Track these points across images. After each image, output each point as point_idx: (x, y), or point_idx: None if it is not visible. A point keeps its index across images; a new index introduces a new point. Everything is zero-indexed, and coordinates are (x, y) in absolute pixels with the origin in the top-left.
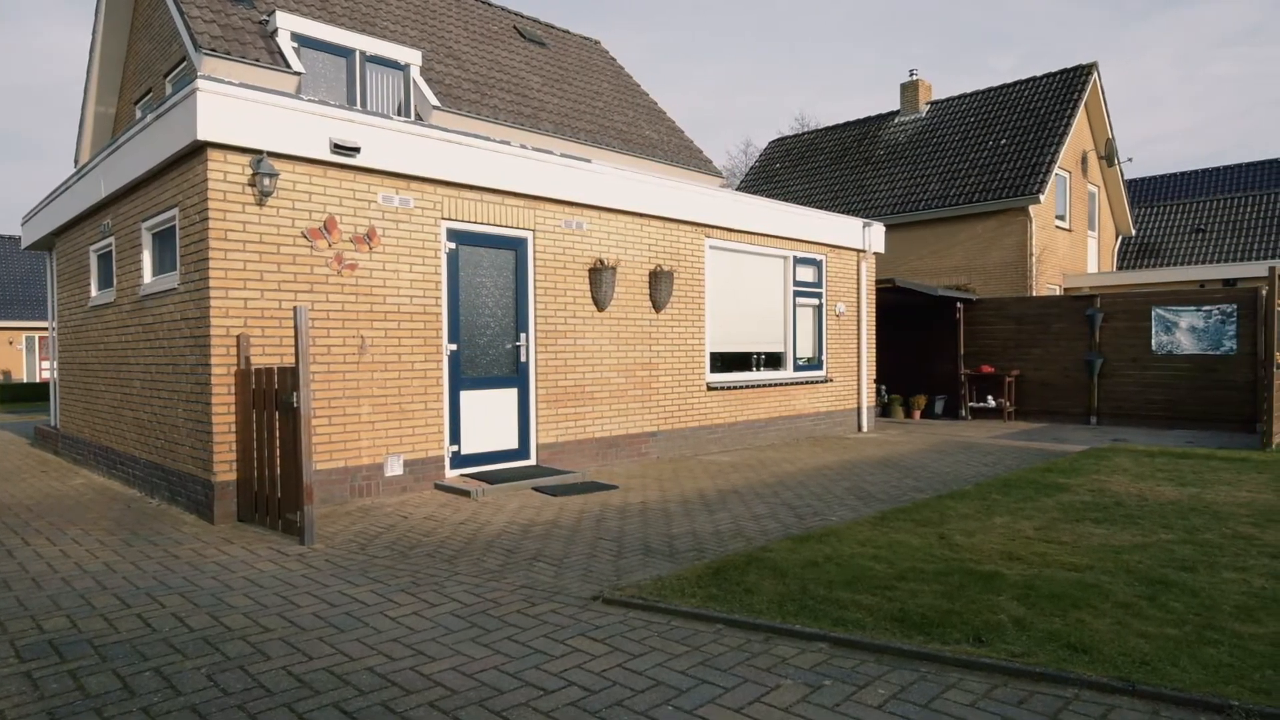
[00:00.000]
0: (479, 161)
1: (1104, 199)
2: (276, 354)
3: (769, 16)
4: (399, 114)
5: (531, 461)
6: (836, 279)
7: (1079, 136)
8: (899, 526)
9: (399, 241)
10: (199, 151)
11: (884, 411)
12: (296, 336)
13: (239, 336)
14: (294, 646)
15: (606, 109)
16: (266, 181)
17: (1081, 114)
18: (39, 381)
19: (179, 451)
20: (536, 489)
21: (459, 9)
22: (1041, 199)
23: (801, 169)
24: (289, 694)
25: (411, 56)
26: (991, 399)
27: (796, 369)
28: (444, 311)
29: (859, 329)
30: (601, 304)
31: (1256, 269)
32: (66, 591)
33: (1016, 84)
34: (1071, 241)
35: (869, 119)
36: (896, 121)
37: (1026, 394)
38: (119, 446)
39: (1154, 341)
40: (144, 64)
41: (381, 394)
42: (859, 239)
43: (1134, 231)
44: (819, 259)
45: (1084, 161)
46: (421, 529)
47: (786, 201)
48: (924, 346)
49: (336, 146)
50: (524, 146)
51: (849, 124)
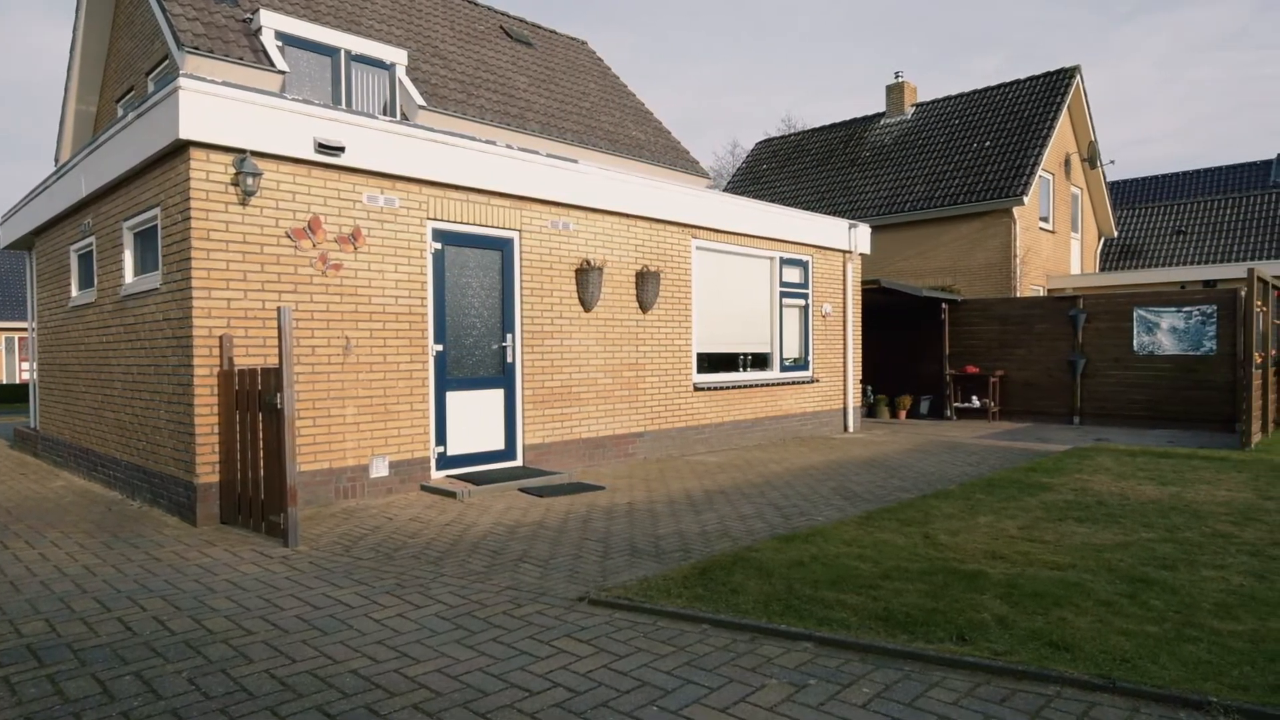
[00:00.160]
0: (465, 161)
1: (1087, 201)
2: (260, 355)
3: (757, 18)
4: (385, 114)
5: (518, 462)
6: (822, 280)
7: (1062, 139)
8: (884, 526)
9: (384, 242)
10: (181, 150)
11: (870, 411)
12: (280, 337)
13: (222, 337)
14: (277, 649)
15: (593, 109)
16: (250, 181)
17: (1065, 117)
18: (18, 383)
19: (161, 453)
20: (523, 490)
21: (445, 8)
22: (1025, 201)
23: (788, 170)
24: (271, 697)
25: (397, 56)
26: (976, 399)
27: (783, 369)
28: (430, 312)
29: (845, 330)
30: (588, 304)
31: (1236, 270)
32: (45, 595)
33: (1001, 86)
34: (1055, 243)
35: (855, 121)
36: (882, 123)
37: (1011, 394)
38: (100, 448)
39: (1136, 342)
40: (126, 62)
41: (366, 395)
42: (845, 240)
43: (1116, 233)
44: (805, 260)
45: (1067, 164)
46: (407, 530)
47: (773, 202)
48: (910, 347)
49: (321, 146)
50: (510, 146)
51: (835, 125)
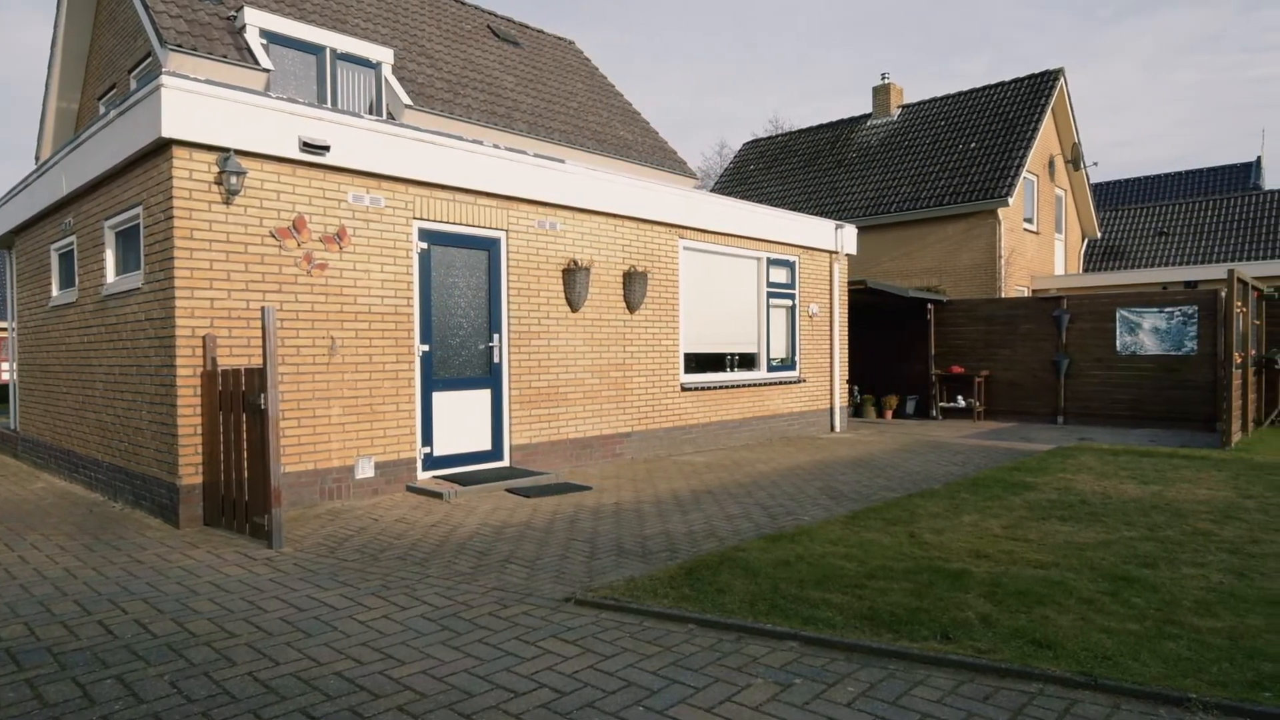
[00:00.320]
0: (452, 161)
1: (1070, 202)
2: (244, 355)
3: (744, 19)
4: (371, 113)
5: (505, 463)
6: (809, 280)
7: (1046, 141)
8: (870, 525)
9: (370, 241)
10: (164, 149)
11: (857, 411)
12: (264, 337)
13: (205, 337)
14: (260, 652)
15: (581, 109)
16: (234, 180)
17: (1049, 119)
18: None
19: (143, 454)
20: (510, 490)
21: (432, 7)
22: (1010, 202)
23: (775, 171)
24: (254, 700)
25: (383, 55)
26: (962, 399)
27: (770, 369)
28: (416, 312)
29: (832, 330)
30: (575, 305)
31: (1216, 271)
32: (25, 598)
33: (986, 88)
34: (1039, 244)
35: (842, 122)
36: (869, 125)
37: (996, 394)
38: (81, 449)
39: (1118, 342)
40: (108, 59)
41: (352, 395)
42: (831, 240)
43: (1099, 234)
44: (792, 260)
45: (1051, 165)
46: (392, 531)
47: (760, 203)
48: (896, 347)
49: (306, 145)
50: (497, 146)
51: (822, 126)
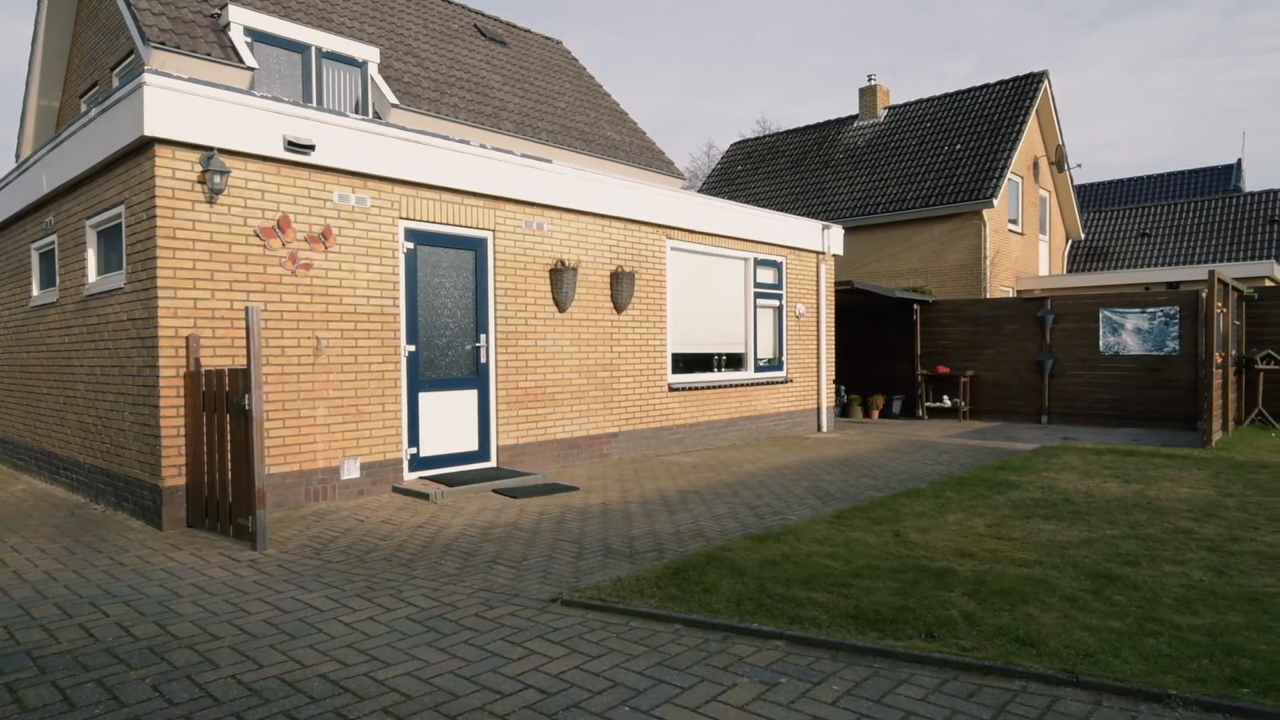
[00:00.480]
0: (438, 161)
1: (1055, 204)
2: (228, 355)
3: (731, 19)
4: (356, 112)
5: (492, 463)
6: (796, 280)
7: (1031, 142)
8: (856, 525)
9: (355, 241)
10: (146, 147)
11: (843, 411)
12: (248, 337)
13: (188, 337)
14: (244, 654)
15: (568, 109)
16: (217, 179)
17: (1033, 121)
18: None
19: (125, 456)
20: (497, 491)
21: (418, 6)
22: (995, 203)
23: (763, 171)
24: (238, 703)
25: (369, 53)
26: (948, 399)
27: (757, 370)
28: (402, 312)
29: (819, 330)
30: (563, 305)
31: (1197, 272)
32: (4, 601)
33: (971, 90)
34: (1024, 245)
35: (828, 123)
36: (855, 126)
37: (981, 394)
38: (62, 451)
39: (1102, 342)
40: (89, 56)
41: (337, 396)
42: (818, 241)
43: (1083, 235)
44: (779, 261)
45: (1035, 167)
46: (378, 532)
47: (748, 203)
48: (882, 347)
49: (290, 144)
50: (484, 146)
51: (809, 127)
